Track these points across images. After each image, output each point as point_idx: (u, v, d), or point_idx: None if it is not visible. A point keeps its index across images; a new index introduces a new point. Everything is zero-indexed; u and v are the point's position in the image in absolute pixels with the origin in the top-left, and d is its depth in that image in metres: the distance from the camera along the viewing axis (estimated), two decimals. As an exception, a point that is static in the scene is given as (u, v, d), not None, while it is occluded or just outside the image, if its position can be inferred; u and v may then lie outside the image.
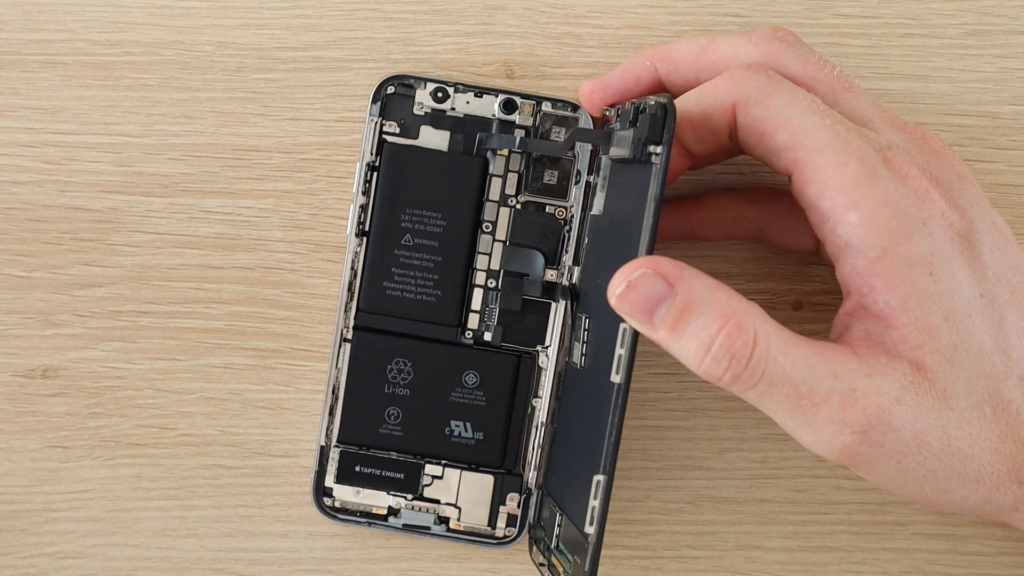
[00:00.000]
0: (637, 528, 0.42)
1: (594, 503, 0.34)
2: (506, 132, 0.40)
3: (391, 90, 0.40)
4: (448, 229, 0.40)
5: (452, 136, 0.40)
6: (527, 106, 0.40)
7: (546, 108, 0.40)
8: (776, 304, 0.42)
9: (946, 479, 0.34)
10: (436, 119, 0.40)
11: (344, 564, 0.41)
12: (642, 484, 0.42)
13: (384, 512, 0.41)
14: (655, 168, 0.33)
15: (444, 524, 0.41)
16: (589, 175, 0.40)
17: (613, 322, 0.34)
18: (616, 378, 0.33)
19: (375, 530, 0.41)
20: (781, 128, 0.34)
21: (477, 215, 0.40)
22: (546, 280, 0.40)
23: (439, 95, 0.40)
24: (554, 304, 0.40)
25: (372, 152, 0.40)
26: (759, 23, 0.41)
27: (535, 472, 0.41)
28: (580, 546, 0.35)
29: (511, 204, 0.40)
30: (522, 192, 0.40)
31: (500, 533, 0.41)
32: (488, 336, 0.40)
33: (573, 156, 0.40)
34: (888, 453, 0.33)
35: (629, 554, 0.42)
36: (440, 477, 0.40)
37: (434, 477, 0.40)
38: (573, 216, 0.40)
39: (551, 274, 0.40)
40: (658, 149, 0.33)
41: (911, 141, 0.36)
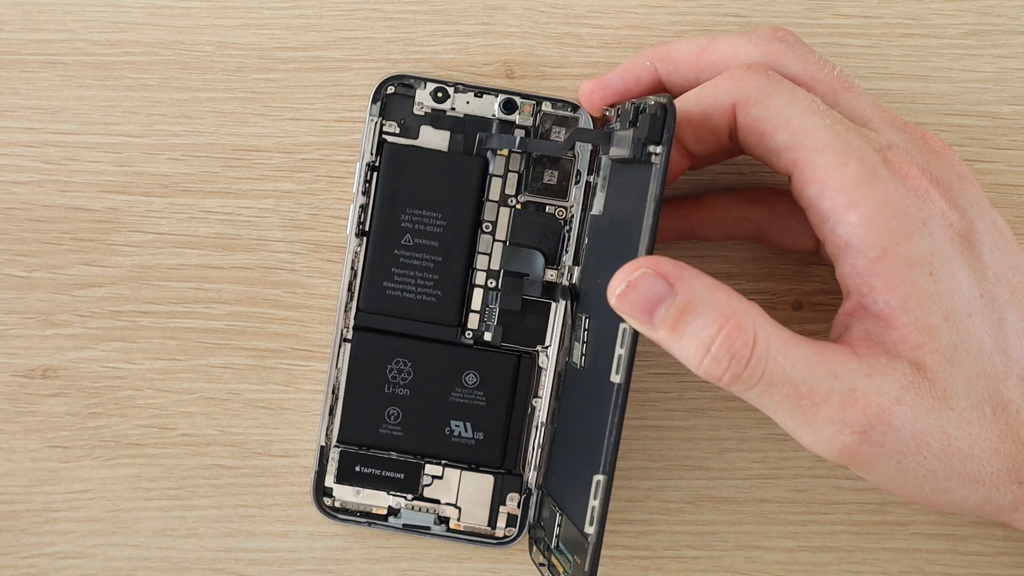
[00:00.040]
0: (637, 528, 0.42)
1: (594, 503, 0.34)
2: (506, 132, 0.40)
3: (391, 90, 0.40)
4: (448, 229, 0.40)
5: (452, 136, 0.40)
6: (527, 106, 0.40)
7: (546, 108, 0.40)
8: (776, 304, 0.42)
9: (946, 479, 0.34)
10: (436, 119, 0.40)
11: (344, 564, 0.41)
12: (642, 484, 0.42)
13: (384, 512, 0.41)
14: (655, 168, 0.33)
15: (444, 524, 0.41)
16: (589, 175, 0.40)
17: (613, 322, 0.34)
18: (616, 378, 0.33)
19: (375, 530, 0.41)
20: (781, 128, 0.34)
21: (477, 215, 0.40)
22: (546, 280, 0.40)
23: (439, 95, 0.40)
24: (554, 304, 0.40)
25: (372, 152, 0.40)
26: (759, 23, 0.41)
27: (535, 472, 0.41)
28: (580, 546, 0.35)
29: (511, 204, 0.40)
30: (522, 192, 0.40)
31: (500, 533, 0.41)
32: (488, 336, 0.40)
33: (573, 156, 0.40)
34: (888, 453, 0.33)
35: (629, 554, 0.42)
36: (440, 477, 0.40)
37: (434, 477, 0.40)
38: (573, 216, 0.40)
39: (551, 274, 0.40)
40: (658, 149, 0.33)
41: (911, 141, 0.36)
